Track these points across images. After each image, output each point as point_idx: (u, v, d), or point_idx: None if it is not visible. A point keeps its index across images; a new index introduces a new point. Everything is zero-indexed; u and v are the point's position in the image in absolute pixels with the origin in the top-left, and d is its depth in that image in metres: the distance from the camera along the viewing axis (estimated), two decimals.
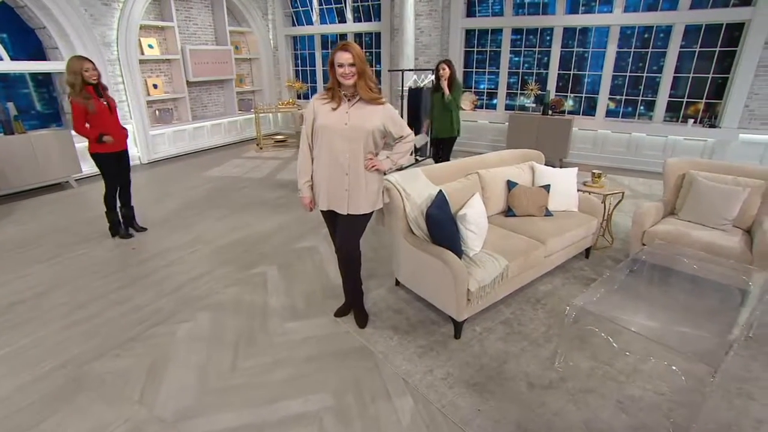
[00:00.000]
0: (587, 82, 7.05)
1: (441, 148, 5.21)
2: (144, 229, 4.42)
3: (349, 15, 8.86)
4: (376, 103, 2.38)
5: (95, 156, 3.93)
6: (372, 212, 2.61)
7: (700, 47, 6.13)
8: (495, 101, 7.86)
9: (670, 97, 6.47)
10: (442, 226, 2.68)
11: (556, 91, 7.20)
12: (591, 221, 3.48)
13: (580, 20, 6.77)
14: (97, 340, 2.73)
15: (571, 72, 7.09)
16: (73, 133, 5.94)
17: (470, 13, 7.58)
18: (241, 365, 2.51)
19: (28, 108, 7.16)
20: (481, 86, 7.99)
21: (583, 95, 7.11)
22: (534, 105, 7.34)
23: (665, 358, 2.21)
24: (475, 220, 2.83)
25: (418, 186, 3.01)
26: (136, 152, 7.21)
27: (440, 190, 2.94)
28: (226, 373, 2.45)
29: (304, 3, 9.33)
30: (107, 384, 2.36)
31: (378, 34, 8.58)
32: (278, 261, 3.77)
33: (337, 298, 3.03)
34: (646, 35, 6.53)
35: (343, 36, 9.16)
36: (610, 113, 6.96)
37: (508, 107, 7.76)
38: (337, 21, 9.19)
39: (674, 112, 6.56)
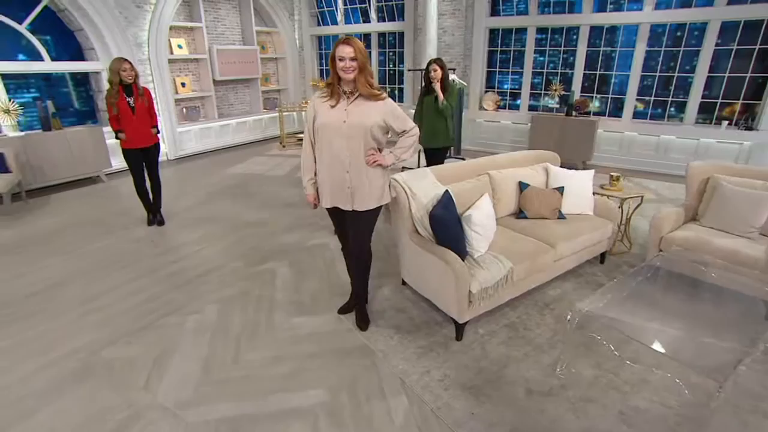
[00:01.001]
0: (614, 82, 6.82)
1: (433, 159, 4.50)
2: (162, 224, 4.58)
3: (373, 15, 8.90)
4: (375, 99, 2.35)
5: (122, 150, 4.22)
6: (379, 208, 2.61)
7: (737, 45, 5.82)
8: (518, 102, 7.71)
9: (703, 98, 6.18)
10: (445, 227, 2.66)
11: (582, 92, 7.00)
12: (606, 225, 3.37)
13: (607, 18, 6.56)
14: (110, 327, 2.85)
15: (597, 72, 6.87)
16: (105, 129, 6.26)
17: (494, 12, 7.47)
18: (243, 358, 2.56)
19: (67, 106, 7.55)
20: (505, 86, 7.86)
21: (610, 96, 6.88)
22: (558, 106, 7.16)
23: (670, 369, 2.12)
24: (480, 221, 2.79)
25: (424, 185, 2.99)
26: (163, 148, 7.46)
27: (446, 190, 2.91)
28: (228, 364, 2.51)
29: (329, 3, 9.43)
30: (116, 370, 2.46)
31: (401, 34, 8.58)
32: (290, 257, 3.82)
33: (345, 296, 3.06)
34: (678, 33, 6.26)
35: (367, 35, 9.21)
36: (637, 115, 6.71)
37: (531, 108, 7.60)
38: (361, 21, 9.24)
39: (707, 114, 6.26)
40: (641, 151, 6.55)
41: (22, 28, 6.08)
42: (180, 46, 7.71)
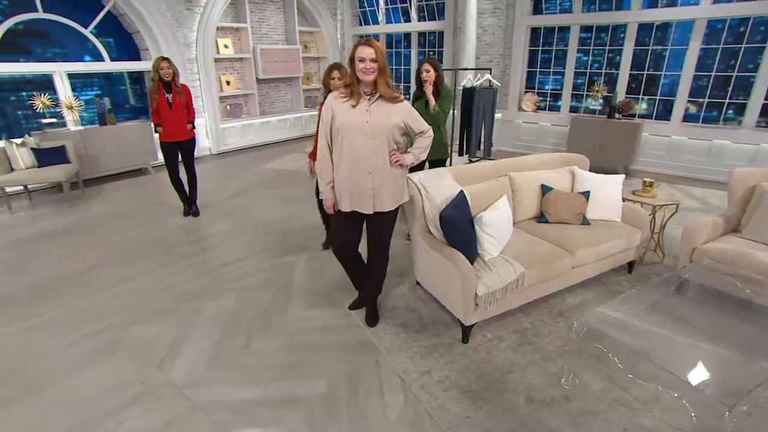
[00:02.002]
0: (664, 83, 6.41)
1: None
2: (197, 215, 4.83)
3: (413, 14, 8.89)
4: (394, 101, 2.35)
5: (159, 143, 4.56)
6: (398, 208, 2.61)
7: None
8: (560, 103, 7.43)
9: (766, 99, 5.67)
10: (455, 228, 2.63)
11: (628, 93, 6.64)
12: (634, 233, 3.19)
13: (659, 15, 6.17)
14: (137, 308, 3.06)
15: (645, 72, 6.49)
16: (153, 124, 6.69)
17: (537, 10, 7.24)
18: (253, 345, 2.67)
19: (124, 102, 8.12)
20: (546, 87, 7.60)
21: (658, 97, 6.48)
22: (601, 107, 6.84)
23: (681, 389, 1.99)
24: (493, 223, 2.74)
25: (441, 186, 2.97)
26: (207, 143, 7.87)
27: (461, 191, 2.88)
28: (238, 350, 2.62)
29: (371, 3, 9.52)
30: (137, 348, 2.64)
31: (441, 33, 8.52)
32: (311, 252, 3.92)
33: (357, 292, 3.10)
34: (741, 28, 5.79)
35: (407, 35, 9.22)
36: (688, 117, 6.27)
37: (573, 109, 7.31)
38: (402, 20, 9.26)
39: None
40: (690, 157, 6.12)
41: (87, 32, 6.61)
42: (226, 46, 8.07)
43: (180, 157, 4.61)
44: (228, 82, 8.26)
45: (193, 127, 4.61)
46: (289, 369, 2.46)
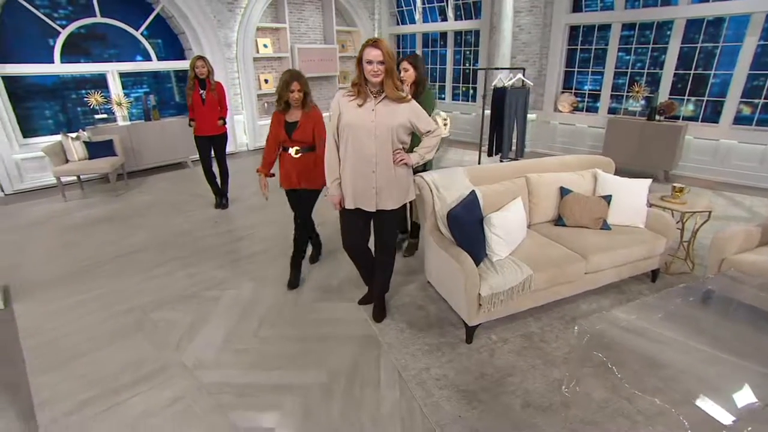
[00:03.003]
0: (713, 82, 6.02)
1: None
2: (226, 207, 5.06)
3: (450, 13, 8.82)
4: (401, 101, 2.37)
5: (193, 137, 4.84)
6: (403, 207, 2.64)
7: None
8: (598, 104, 7.14)
9: None
10: (462, 228, 2.62)
11: (672, 94, 6.27)
12: (658, 240, 3.05)
13: (711, 9, 5.77)
14: (163, 293, 3.27)
15: (692, 72, 6.11)
16: None
17: (576, 8, 7.00)
18: (263, 333, 2.79)
19: (170, 99, 8.59)
20: (584, 87, 7.33)
21: (706, 98, 6.08)
22: (641, 108, 6.51)
23: (684, 405, 1.89)
24: (503, 224, 2.71)
25: (453, 185, 2.97)
26: (244, 139, 8.19)
27: (472, 191, 2.86)
28: (249, 337, 2.75)
29: (408, 2, 9.53)
30: (158, 330, 2.83)
31: (477, 32, 8.40)
32: (331, 245, 4.00)
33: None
34: None
35: (444, 34, 9.16)
36: (740, 120, 5.84)
37: (613, 111, 7.00)
38: (439, 19, 9.22)
39: None
40: (740, 162, 5.71)
41: (138, 34, 7.06)
42: (265, 46, 8.35)
43: (213, 151, 4.85)
44: (266, 81, 8.55)
45: (224, 123, 4.83)
46: (293, 357, 2.55)
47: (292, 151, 3.05)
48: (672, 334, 2.29)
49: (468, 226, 2.64)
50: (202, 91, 4.55)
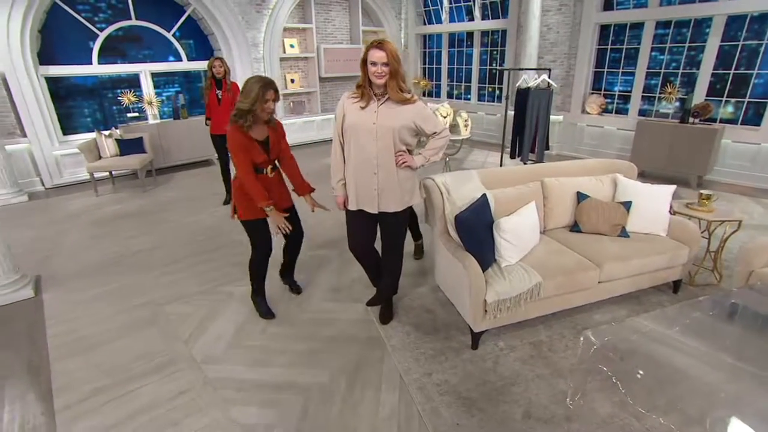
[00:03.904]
0: (756, 83, 5.67)
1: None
2: None
3: (477, 12, 8.70)
4: (405, 103, 2.34)
5: (210, 135, 5.02)
6: (408, 210, 2.63)
7: None
8: (628, 105, 6.87)
9: None
10: (470, 232, 2.58)
11: (709, 95, 5.96)
12: (680, 250, 2.90)
13: (756, 4, 5.39)
14: (177, 288, 3.37)
15: (732, 71, 5.78)
16: None
17: (607, 6, 6.75)
18: (270, 330, 2.83)
19: (199, 98, 8.85)
20: (614, 88, 7.07)
21: (747, 99, 5.74)
22: (674, 110, 6.22)
23: (694, 426, 1.80)
24: (513, 229, 2.65)
25: (465, 188, 2.93)
26: None
27: (483, 194, 2.81)
28: (256, 334, 2.80)
29: (434, 2, 9.46)
30: (170, 323, 2.92)
31: (504, 32, 8.25)
32: (342, 246, 4.03)
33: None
34: None
35: (470, 34, 9.05)
36: None
37: (644, 113, 6.72)
38: (465, 19, 9.11)
39: None
40: None
41: (170, 35, 7.32)
42: (292, 46, 8.49)
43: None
44: (292, 80, 8.68)
45: None
46: (298, 356, 2.58)
47: (268, 170, 2.71)
48: (689, 348, 2.18)
49: (477, 230, 2.60)
50: (218, 91, 4.69)
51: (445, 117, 5.77)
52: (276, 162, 2.83)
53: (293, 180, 2.95)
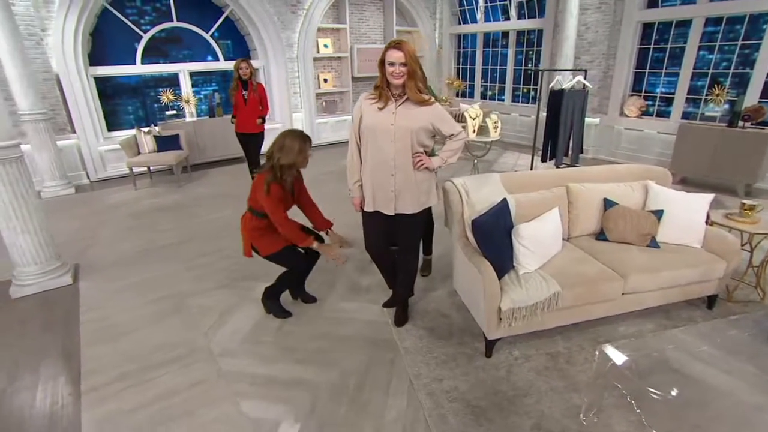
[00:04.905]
0: None
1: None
2: None
3: (513, 12, 8.50)
4: (423, 104, 2.34)
5: (235, 133, 5.28)
6: (425, 211, 2.61)
7: None
8: (671, 108, 6.51)
9: None
10: (487, 236, 2.52)
11: (763, 97, 5.54)
12: (716, 263, 2.73)
13: None
14: (201, 281, 3.49)
15: None
16: None
17: (651, 3, 6.43)
18: (285, 328, 2.88)
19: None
20: (656, 90, 6.72)
21: None
22: (722, 113, 5.84)
23: None
24: (532, 235, 2.58)
25: (485, 192, 2.87)
26: None
27: (504, 199, 2.75)
28: (272, 330, 2.85)
29: (470, 1, 9.32)
30: (192, 315, 3.03)
31: (540, 32, 8.02)
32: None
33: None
34: None
35: (506, 34, 8.86)
36: None
37: (688, 115, 6.35)
38: (501, 18, 8.92)
39: None
40: None
41: (208, 36, 7.58)
42: (326, 46, 8.59)
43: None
44: (325, 80, 8.79)
45: (263, 122, 5.11)
46: (310, 354, 2.61)
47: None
48: (718, 369, 2.06)
49: (494, 235, 2.54)
50: (244, 92, 4.84)
51: (474, 119, 5.69)
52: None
53: (313, 218, 3.02)
